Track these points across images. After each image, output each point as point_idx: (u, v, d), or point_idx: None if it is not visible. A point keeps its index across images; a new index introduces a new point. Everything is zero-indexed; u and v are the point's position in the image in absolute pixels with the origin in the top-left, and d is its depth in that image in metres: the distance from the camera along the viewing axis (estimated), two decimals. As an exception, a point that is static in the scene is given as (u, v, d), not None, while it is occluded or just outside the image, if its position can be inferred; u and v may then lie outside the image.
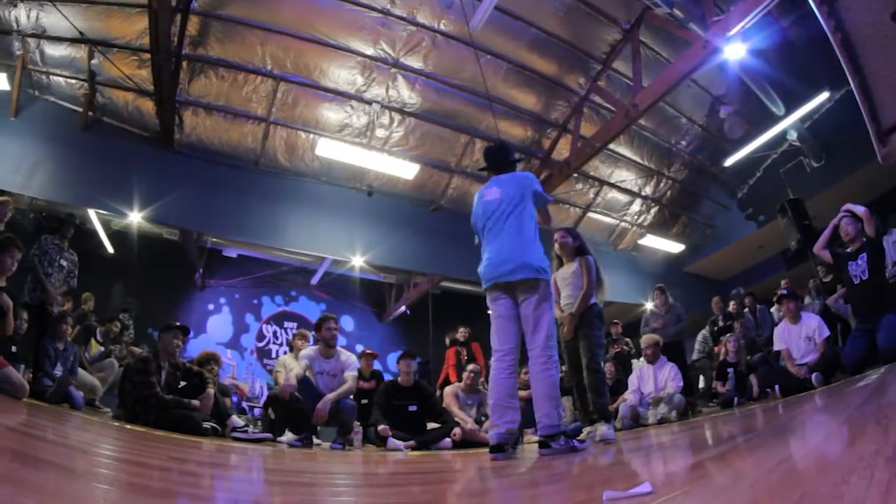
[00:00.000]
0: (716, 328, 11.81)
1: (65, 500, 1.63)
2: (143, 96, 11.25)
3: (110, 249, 14.52)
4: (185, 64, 10.86)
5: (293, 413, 6.98)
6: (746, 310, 11.50)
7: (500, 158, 5.54)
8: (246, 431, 7.04)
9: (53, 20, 10.11)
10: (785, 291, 9.17)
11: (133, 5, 9.93)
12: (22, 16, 10.16)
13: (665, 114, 13.28)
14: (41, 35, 10.46)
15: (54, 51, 10.76)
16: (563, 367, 6.92)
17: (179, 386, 7.11)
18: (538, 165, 13.90)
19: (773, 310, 11.40)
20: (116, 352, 9.97)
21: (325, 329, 7.56)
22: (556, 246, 6.79)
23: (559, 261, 6.80)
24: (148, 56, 10.12)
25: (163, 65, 9.80)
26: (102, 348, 9.58)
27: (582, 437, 5.85)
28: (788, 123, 12.69)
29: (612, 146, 12.79)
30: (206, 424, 6.47)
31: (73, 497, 1.70)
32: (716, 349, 11.32)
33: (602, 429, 5.78)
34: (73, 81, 11.20)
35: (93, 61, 10.68)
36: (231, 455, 4.35)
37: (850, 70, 6.42)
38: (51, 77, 11.19)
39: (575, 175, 13.60)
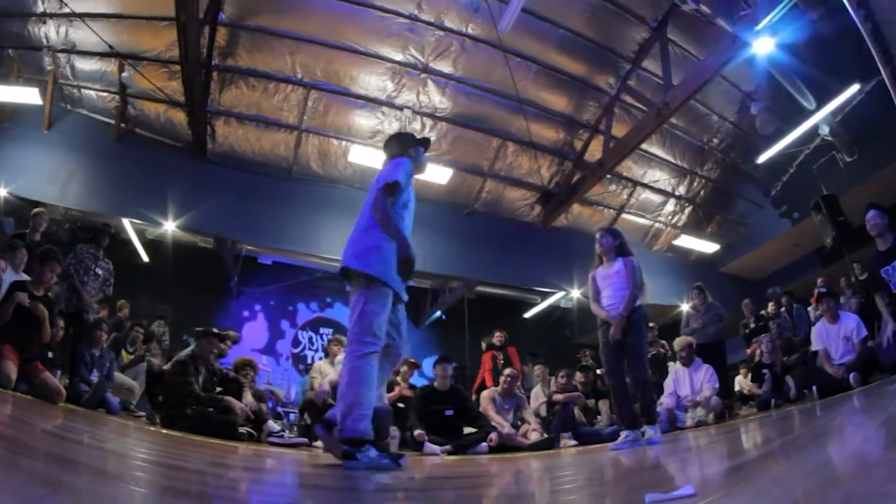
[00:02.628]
0: (747, 330, 11.61)
1: (99, 502, 1.65)
2: (174, 107, 11.44)
3: (145, 258, 14.69)
4: (215, 74, 11.04)
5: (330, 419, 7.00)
6: (783, 309, 11.32)
7: (387, 147, 5.16)
8: (282, 436, 7.08)
9: (83, 35, 10.32)
10: (823, 290, 9.03)
11: (161, 18, 10.10)
12: (51, 32, 10.41)
13: (696, 112, 13.13)
14: (71, 50, 10.70)
15: (85, 65, 10.98)
16: (600, 370, 6.87)
17: (216, 391, 7.17)
18: (571, 167, 13.85)
19: (809, 309, 11.24)
20: (148, 355, 10.05)
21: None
22: (596, 245, 6.65)
23: (599, 259, 6.65)
24: (178, 68, 10.27)
25: (193, 76, 9.93)
26: (133, 356, 9.68)
27: (618, 441, 5.84)
28: (820, 118, 12.41)
29: (644, 146, 12.70)
30: (243, 429, 6.52)
31: (107, 499, 1.72)
32: (748, 351, 11.15)
33: (649, 432, 5.72)
34: (105, 94, 11.44)
35: (123, 74, 10.84)
36: (267, 459, 4.38)
37: (882, 60, 6.33)
38: (82, 90, 11.42)
39: (608, 176, 13.55)
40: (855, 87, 11.53)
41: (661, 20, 10.99)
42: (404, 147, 4.89)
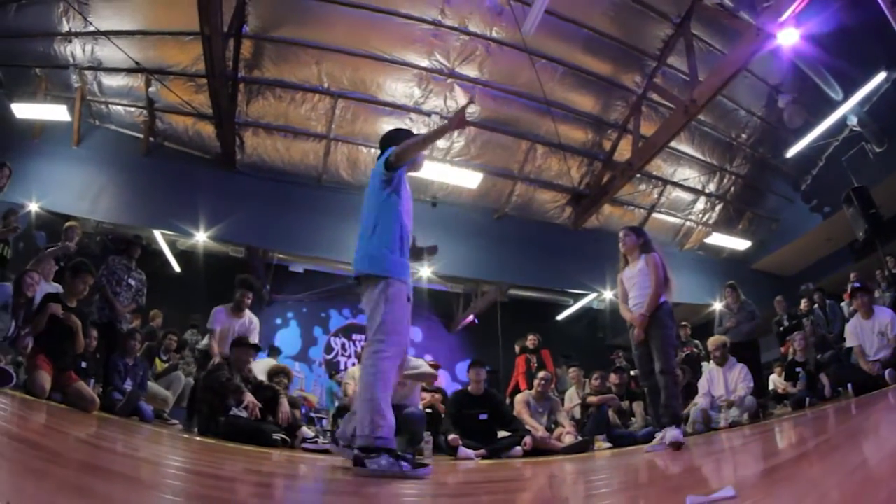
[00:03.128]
0: (781, 328, 11.48)
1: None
2: (202, 120, 11.59)
3: (177, 269, 14.88)
4: (241, 86, 11.20)
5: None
6: (816, 306, 11.18)
7: (383, 143, 4.83)
8: (316, 442, 7.10)
9: (108, 52, 10.56)
10: (857, 285, 8.92)
11: (186, 33, 10.27)
12: (77, 50, 10.66)
13: (723, 107, 13.01)
14: (98, 67, 10.95)
15: (112, 81, 11.21)
16: (634, 371, 6.81)
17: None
18: (601, 168, 13.80)
19: (842, 305, 11.10)
20: (182, 364, 10.16)
21: None
22: (620, 245, 6.58)
23: (625, 260, 6.58)
24: (204, 81, 10.43)
25: (220, 89, 10.06)
26: (167, 364, 9.79)
27: (653, 443, 5.78)
28: (848, 108, 12.26)
29: (672, 144, 12.56)
30: (276, 436, 6.56)
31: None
32: (782, 349, 11.03)
33: (672, 433, 5.49)
34: (133, 109, 11.69)
35: (150, 89, 11.08)
36: (301, 466, 4.41)
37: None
38: (110, 106, 11.68)
39: (638, 176, 13.50)
40: (882, 76, 11.42)
41: (685, 15, 10.91)
42: (399, 143, 4.63)
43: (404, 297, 4.20)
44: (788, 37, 9.28)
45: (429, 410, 8.38)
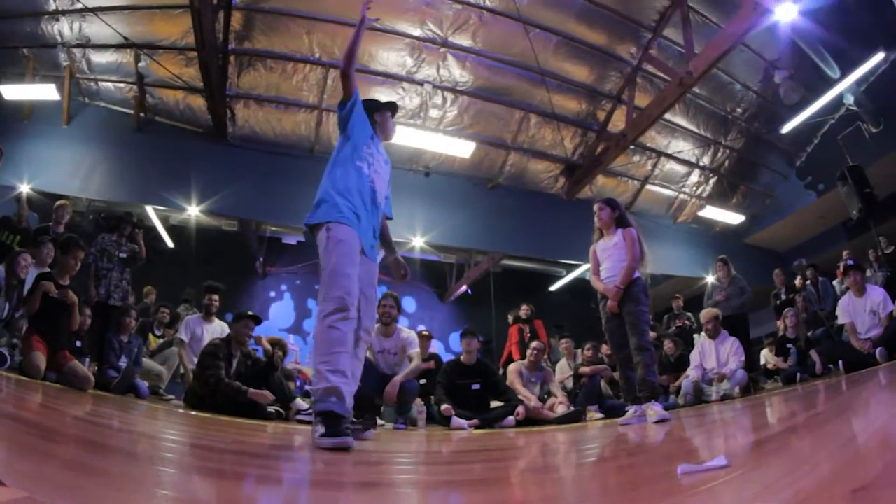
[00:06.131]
0: (778, 302, 11.51)
1: (127, 482, 1.66)
2: (193, 93, 11.50)
3: (170, 244, 14.86)
4: (232, 58, 11.10)
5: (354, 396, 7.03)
6: (808, 282, 11.21)
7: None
8: (310, 414, 7.11)
9: (97, 29, 10.42)
10: (851, 262, 8.93)
11: (175, 6, 10.15)
12: (65, 28, 10.53)
13: (719, 80, 12.98)
14: (86, 44, 10.83)
15: (100, 58, 11.10)
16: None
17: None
18: (594, 138, 13.76)
19: (835, 283, 11.13)
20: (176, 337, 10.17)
21: (379, 307, 7.58)
22: (595, 219, 6.39)
23: (599, 233, 6.42)
24: (194, 54, 10.34)
25: (210, 61, 9.98)
26: (161, 341, 9.78)
27: (627, 416, 5.69)
28: (844, 87, 12.30)
29: (667, 116, 12.55)
30: (271, 408, 6.56)
31: (135, 480, 1.73)
32: (779, 323, 11.06)
33: (654, 409, 5.34)
34: (122, 85, 11.58)
35: (140, 64, 10.99)
36: (296, 437, 4.41)
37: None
38: (99, 83, 11.58)
39: (632, 147, 13.48)
40: (880, 56, 11.42)
41: (682, -13, 10.82)
42: (368, 113, 4.55)
43: (352, 246, 3.77)
44: (787, 12, 9.24)
45: (422, 381, 8.37)
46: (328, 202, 3.92)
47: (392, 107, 4.84)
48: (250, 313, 7.50)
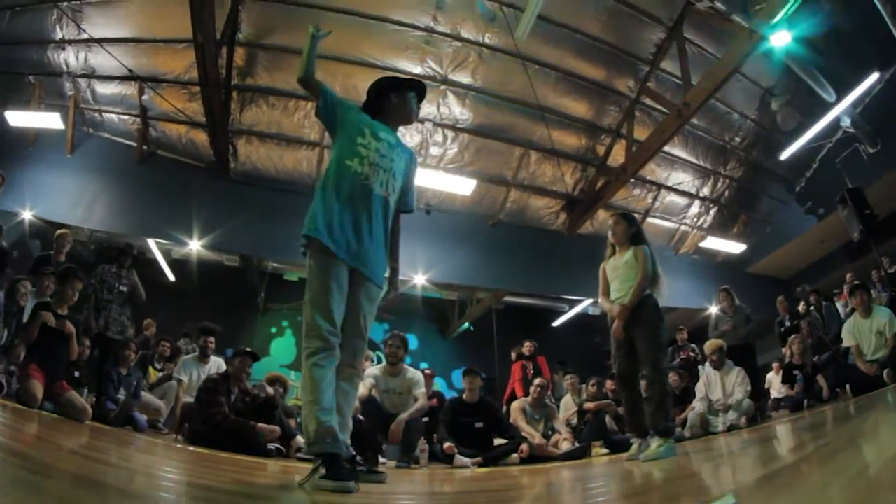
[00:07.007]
0: (783, 329, 11.46)
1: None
2: (195, 128, 11.60)
3: (171, 277, 14.84)
4: (235, 94, 11.18)
5: (356, 434, 6.97)
6: (812, 308, 11.16)
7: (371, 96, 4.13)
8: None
9: (102, 60, 10.58)
10: (856, 283, 8.92)
11: (179, 41, 10.26)
12: (71, 58, 10.67)
13: (717, 110, 13.05)
14: (91, 75, 10.95)
15: (105, 89, 11.22)
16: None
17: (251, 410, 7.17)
18: (595, 173, 13.82)
19: (838, 305, 11.09)
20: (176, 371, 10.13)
21: (386, 348, 7.59)
22: (609, 232, 5.94)
23: (612, 249, 5.93)
24: (198, 89, 10.45)
25: (213, 96, 10.06)
26: (160, 375, 9.75)
27: (631, 451, 5.37)
28: (840, 110, 12.33)
29: (666, 148, 12.56)
30: (271, 446, 6.52)
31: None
32: (784, 351, 11.00)
33: (654, 444, 4.87)
34: (126, 117, 11.69)
35: (143, 97, 11.08)
36: (296, 476, 4.38)
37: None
38: (103, 114, 11.67)
39: (632, 180, 13.52)
40: (874, 77, 11.49)
41: (677, 19, 10.93)
42: (384, 92, 4.05)
43: (328, 272, 3.47)
44: (781, 39, 9.32)
45: (425, 419, 8.30)
46: (311, 214, 3.60)
47: (413, 85, 4.16)
48: (248, 349, 7.47)
